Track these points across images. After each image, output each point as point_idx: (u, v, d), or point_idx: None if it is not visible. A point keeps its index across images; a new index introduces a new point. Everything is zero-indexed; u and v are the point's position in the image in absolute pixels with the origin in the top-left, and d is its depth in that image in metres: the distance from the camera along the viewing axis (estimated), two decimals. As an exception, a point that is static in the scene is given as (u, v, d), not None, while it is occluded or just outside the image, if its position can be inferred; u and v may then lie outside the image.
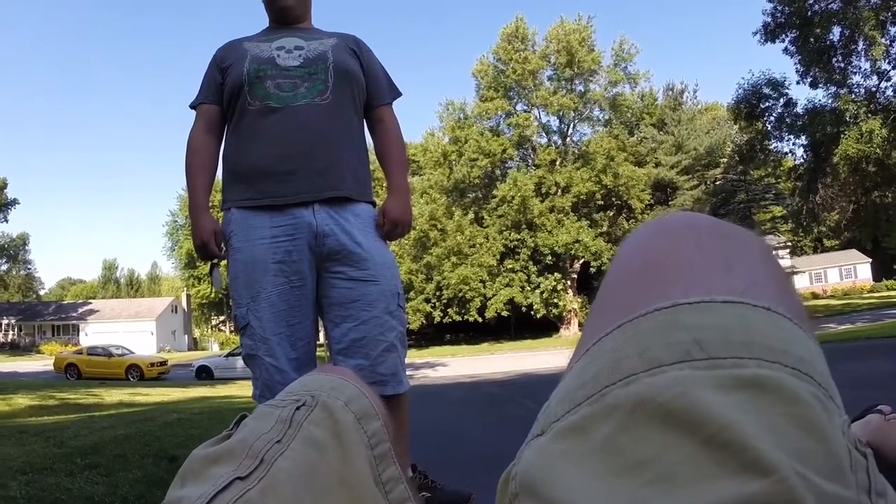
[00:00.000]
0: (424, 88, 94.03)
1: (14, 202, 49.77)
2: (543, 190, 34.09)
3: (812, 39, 18.94)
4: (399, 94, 2.19)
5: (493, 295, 33.32)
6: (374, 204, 2.02)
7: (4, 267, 61.67)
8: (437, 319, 35.03)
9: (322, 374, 0.62)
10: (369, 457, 0.51)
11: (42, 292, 71.26)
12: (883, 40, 17.93)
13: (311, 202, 1.85)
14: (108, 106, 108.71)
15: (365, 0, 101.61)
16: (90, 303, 55.88)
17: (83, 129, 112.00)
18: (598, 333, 0.35)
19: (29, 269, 66.76)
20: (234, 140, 1.97)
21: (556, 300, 33.67)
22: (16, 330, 50.12)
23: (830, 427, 0.28)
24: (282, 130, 1.87)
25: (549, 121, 36.71)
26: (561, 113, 35.21)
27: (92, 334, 46.34)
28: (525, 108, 36.04)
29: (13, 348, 46.87)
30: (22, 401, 9.03)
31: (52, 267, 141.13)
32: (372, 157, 2.21)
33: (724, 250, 0.37)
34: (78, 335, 48.46)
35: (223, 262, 1.98)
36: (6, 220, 47.87)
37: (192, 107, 2.08)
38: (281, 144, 1.87)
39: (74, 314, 51.46)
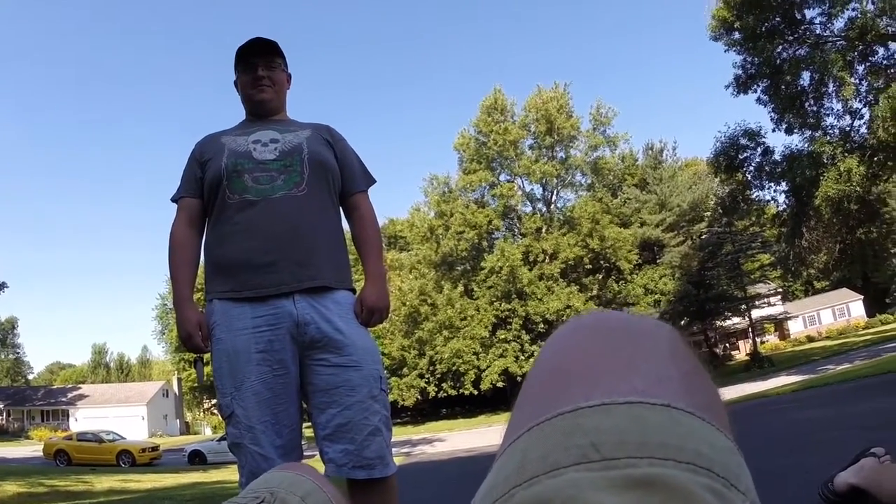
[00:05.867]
0: (409, 164, 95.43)
1: (3, 286, 49.18)
2: (531, 258, 34.14)
3: (783, 87, 19.11)
4: (373, 181, 2.24)
5: (488, 366, 33.01)
6: (353, 290, 2.03)
7: (-8, 352, 60.56)
8: (432, 394, 34.59)
9: (282, 471, 0.65)
10: None
11: (31, 377, 70.15)
12: (852, 80, 18.08)
13: (292, 292, 1.86)
14: (95, 190, 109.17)
15: (344, 82, 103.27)
16: (80, 387, 54.94)
17: (71, 213, 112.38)
18: (513, 435, 0.37)
19: (17, 353, 65.84)
20: (215, 233, 2.00)
21: (551, 368, 33.23)
22: (4, 415, 49.07)
23: None
24: (261, 223, 1.90)
25: (532, 189, 37.17)
26: (544, 180, 35.56)
27: (82, 419, 45.50)
28: (508, 178, 36.46)
29: (1, 433, 45.85)
30: (10, 488, 8.59)
31: (40, 351, 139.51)
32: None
33: (629, 350, 0.39)
34: (68, 420, 47.48)
35: (207, 356, 2.00)
36: (-6, 305, 47.27)
37: (174, 200, 2.10)
38: (260, 237, 1.89)
39: (64, 399, 50.53)
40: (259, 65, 2.11)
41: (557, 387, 0.38)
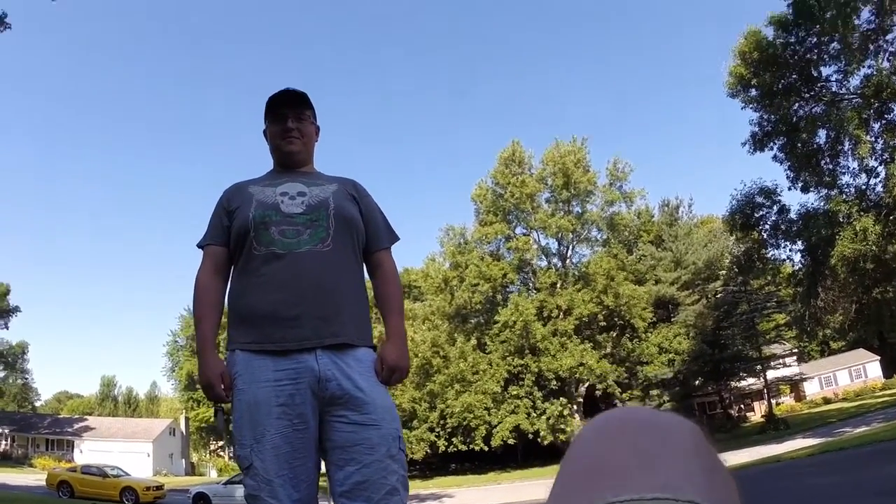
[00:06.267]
0: (425, 213, 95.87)
1: (16, 309, 49.38)
2: (545, 313, 33.98)
3: (799, 144, 19.14)
4: (397, 239, 2.26)
5: (499, 422, 32.62)
6: (374, 348, 2.03)
7: (1, 374, 60.77)
8: (442, 449, 34.16)
9: None
10: None
11: (38, 404, 69.98)
12: (868, 137, 18.05)
13: (314, 348, 1.87)
14: (112, 227, 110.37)
15: (364, 131, 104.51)
16: (87, 419, 54.68)
17: (88, 244, 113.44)
18: None
19: (26, 378, 65.74)
20: (239, 283, 2.02)
21: (562, 426, 32.88)
22: (9, 440, 48.77)
23: None
24: (286, 277, 1.92)
25: (548, 243, 37.20)
26: (559, 235, 35.59)
27: (87, 451, 45.14)
28: (524, 230, 36.54)
29: (4, 459, 45.50)
30: None
31: (49, 378, 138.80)
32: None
33: (656, 446, 0.41)
34: (72, 451, 47.15)
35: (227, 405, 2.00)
36: (6, 328, 47.54)
37: (200, 246, 2.12)
38: (285, 291, 1.91)
39: (70, 429, 50.24)
40: (289, 116, 2.15)
41: (589, 482, 0.41)
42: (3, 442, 48.50)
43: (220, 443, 53.81)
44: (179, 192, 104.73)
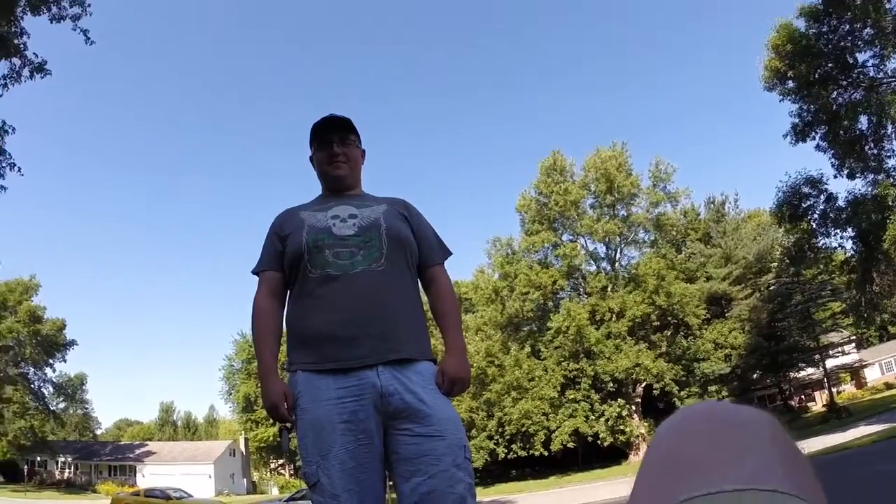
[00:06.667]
0: (472, 226, 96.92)
1: (72, 343, 50.98)
2: (598, 317, 34.12)
3: (841, 132, 18.95)
4: (449, 254, 2.28)
5: (557, 427, 32.78)
6: (434, 361, 2.06)
7: (62, 406, 62.67)
8: (502, 456, 34.40)
9: None
10: None
11: (99, 432, 71.74)
12: None
13: (375, 364, 1.90)
14: (165, 256, 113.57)
15: (405, 157, 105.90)
16: (147, 444, 56.07)
17: (139, 273, 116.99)
18: None
19: (86, 408, 67.57)
20: (297, 306, 2.05)
21: (622, 427, 32.95)
22: (72, 468, 49.89)
23: None
24: (342, 298, 1.95)
25: (595, 248, 37.40)
26: (607, 239, 35.76)
27: (149, 476, 46.05)
28: (571, 237, 36.82)
29: (69, 486, 46.68)
30: None
31: (109, 407, 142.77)
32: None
33: (736, 439, 0.43)
34: (135, 476, 48.05)
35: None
36: (65, 361, 49.01)
37: (255, 273, 2.17)
38: (342, 311, 1.94)
39: (131, 455, 51.38)
40: (334, 141, 2.19)
41: (671, 477, 0.42)
42: (67, 470, 49.74)
43: (281, 461, 54.61)
44: (230, 212, 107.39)
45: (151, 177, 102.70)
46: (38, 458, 48.49)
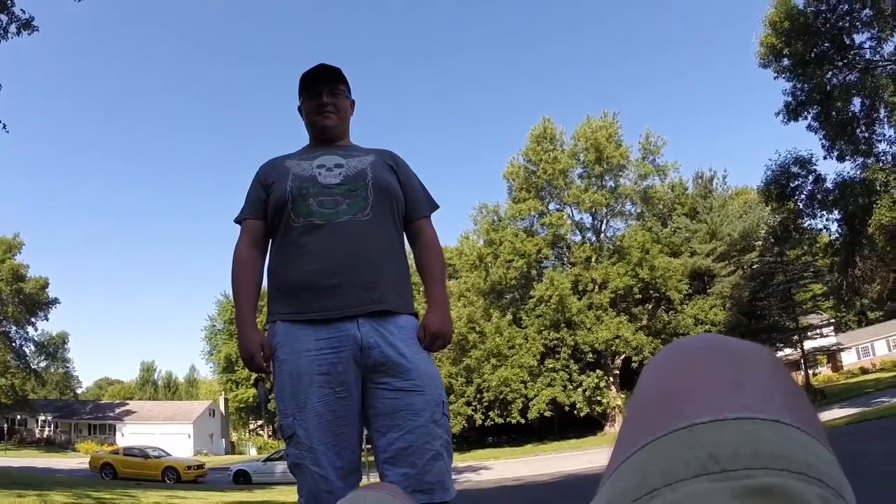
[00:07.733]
0: (458, 192, 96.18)
1: (55, 301, 50.78)
2: (580, 287, 34.07)
3: (834, 113, 18.83)
4: (436, 207, 2.26)
5: (535, 395, 32.88)
6: (416, 315, 2.04)
7: (43, 364, 62.64)
8: (479, 422, 34.51)
9: (369, 490, 0.67)
10: None
11: (79, 391, 71.67)
12: None
13: (356, 316, 1.88)
14: (148, 215, 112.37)
15: (394, 114, 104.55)
16: (127, 403, 56.22)
17: (122, 232, 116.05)
18: (626, 452, 0.40)
19: (67, 367, 67.52)
20: (278, 256, 2.03)
21: (599, 398, 33.08)
22: (52, 427, 50.27)
23: None
24: (325, 247, 1.93)
25: (581, 218, 37.16)
26: (593, 209, 35.56)
27: (128, 435, 46.62)
28: (557, 206, 36.58)
29: (49, 444, 47.02)
30: (58, 498, 8.77)
31: (89, 366, 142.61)
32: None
33: (733, 369, 0.42)
34: (114, 435, 48.50)
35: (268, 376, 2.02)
36: (47, 319, 48.87)
37: (237, 221, 2.15)
38: (325, 260, 1.92)
39: (111, 414, 51.71)
40: (323, 91, 2.15)
41: (667, 407, 0.41)
42: (47, 428, 50.11)
43: (260, 422, 54.86)
44: (214, 169, 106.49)
45: (136, 135, 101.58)
46: (19, 417, 48.77)
